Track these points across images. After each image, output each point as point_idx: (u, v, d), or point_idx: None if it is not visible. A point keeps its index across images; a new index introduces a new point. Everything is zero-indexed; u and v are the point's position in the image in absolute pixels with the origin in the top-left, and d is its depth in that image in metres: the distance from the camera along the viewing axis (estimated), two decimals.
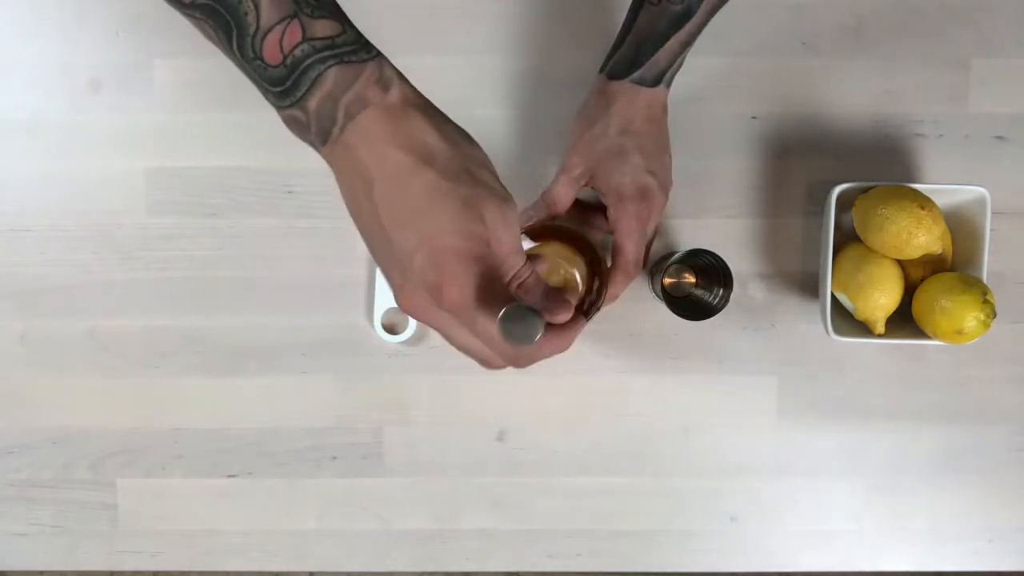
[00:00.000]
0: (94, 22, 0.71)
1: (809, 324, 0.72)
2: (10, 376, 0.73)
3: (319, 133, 0.40)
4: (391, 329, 0.71)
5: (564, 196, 0.65)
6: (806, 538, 0.73)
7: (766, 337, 0.72)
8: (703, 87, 0.71)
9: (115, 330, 0.72)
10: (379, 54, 0.41)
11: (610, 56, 0.63)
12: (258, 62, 0.38)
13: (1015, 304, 0.71)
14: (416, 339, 0.72)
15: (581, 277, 0.66)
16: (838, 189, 0.66)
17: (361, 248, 0.71)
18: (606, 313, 0.70)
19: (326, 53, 0.38)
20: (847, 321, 0.68)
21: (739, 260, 0.71)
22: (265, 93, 0.40)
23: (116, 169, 0.72)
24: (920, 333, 0.67)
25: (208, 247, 0.72)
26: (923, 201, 0.64)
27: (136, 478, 0.73)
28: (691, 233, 0.72)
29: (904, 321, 0.68)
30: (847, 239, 0.69)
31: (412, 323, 0.71)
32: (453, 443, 0.73)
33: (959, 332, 0.63)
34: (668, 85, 0.63)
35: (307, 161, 0.71)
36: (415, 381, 0.72)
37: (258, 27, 0.38)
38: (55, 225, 0.72)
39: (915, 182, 0.67)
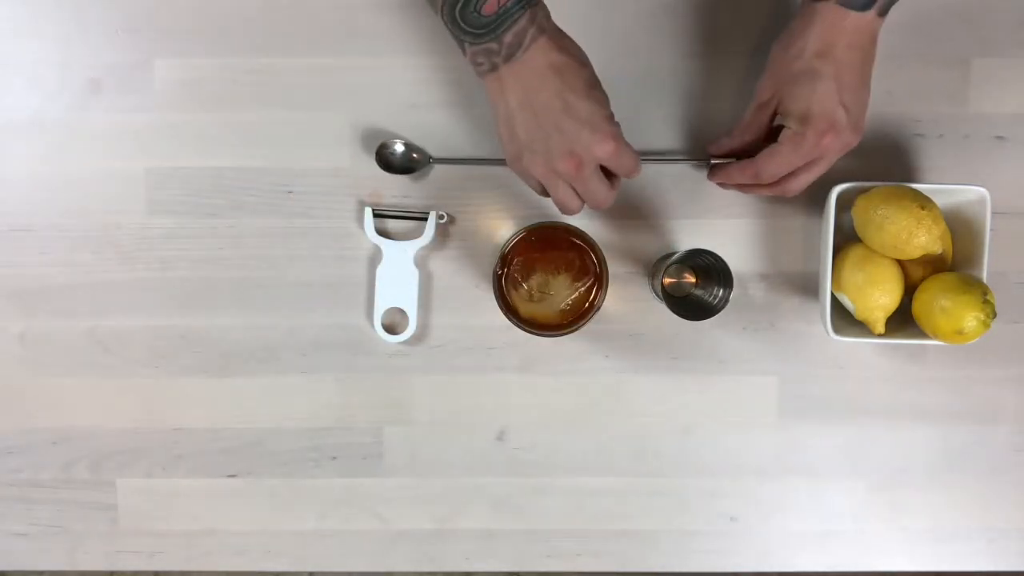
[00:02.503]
0: (94, 22, 0.71)
1: (809, 324, 0.72)
2: (10, 376, 0.73)
3: (506, 56, 0.56)
4: (391, 329, 0.71)
5: (752, 123, 0.63)
6: (806, 538, 0.73)
7: (766, 337, 0.72)
8: (703, 87, 0.71)
9: (115, 330, 0.72)
10: None
11: None
12: (475, 14, 0.55)
13: (1015, 304, 0.71)
14: (416, 339, 0.72)
15: (582, 277, 0.67)
16: (838, 189, 0.66)
17: (361, 248, 0.71)
18: (606, 313, 0.70)
19: (522, 2, 0.55)
20: (847, 321, 0.68)
21: (739, 260, 0.71)
22: (461, 35, 0.57)
23: (116, 169, 0.72)
24: (920, 333, 0.67)
25: (208, 247, 0.72)
26: (923, 201, 0.64)
27: (136, 478, 0.73)
28: (691, 233, 0.72)
29: (904, 321, 0.68)
30: (847, 239, 0.69)
31: (412, 323, 0.71)
32: (453, 443, 0.73)
33: (959, 332, 0.63)
34: (883, 14, 0.58)
35: (307, 161, 0.71)
36: (415, 381, 0.72)
37: None
38: (55, 225, 0.72)
39: (915, 182, 0.67)
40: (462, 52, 0.58)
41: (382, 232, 0.71)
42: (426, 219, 0.71)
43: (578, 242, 0.66)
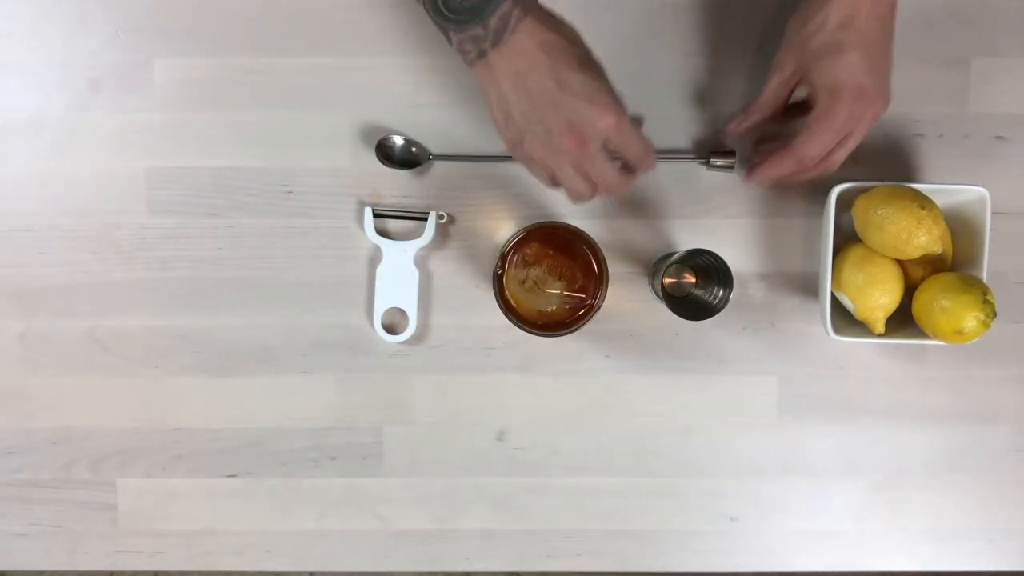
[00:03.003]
0: (94, 22, 0.71)
1: (809, 324, 0.72)
2: (10, 376, 0.73)
3: (493, 41, 0.55)
4: (391, 329, 0.71)
5: (773, 98, 0.63)
6: (806, 538, 0.73)
7: (766, 337, 0.72)
8: (704, 86, 0.71)
9: (115, 330, 0.72)
10: None
11: None
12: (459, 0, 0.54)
13: (1015, 304, 0.71)
14: (416, 339, 0.72)
15: (581, 278, 0.67)
16: (838, 189, 0.66)
17: (361, 248, 0.71)
18: (606, 313, 0.70)
19: None
20: (847, 321, 0.68)
21: (739, 260, 0.71)
22: (445, 23, 0.55)
23: (116, 169, 0.72)
24: (920, 333, 0.67)
25: (208, 247, 0.72)
26: (923, 201, 0.64)
27: (136, 478, 0.73)
28: (691, 233, 0.72)
29: (904, 321, 0.68)
30: (847, 239, 0.69)
31: (412, 323, 0.71)
32: (453, 443, 0.73)
33: (959, 332, 0.63)
34: None
35: (307, 161, 0.71)
36: (415, 381, 0.72)
37: None
38: (55, 225, 0.72)
39: (915, 182, 0.67)
40: (448, 42, 0.57)
41: (382, 232, 0.71)
42: (426, 219, 0.71)
43: (579, 242, 0.66)
